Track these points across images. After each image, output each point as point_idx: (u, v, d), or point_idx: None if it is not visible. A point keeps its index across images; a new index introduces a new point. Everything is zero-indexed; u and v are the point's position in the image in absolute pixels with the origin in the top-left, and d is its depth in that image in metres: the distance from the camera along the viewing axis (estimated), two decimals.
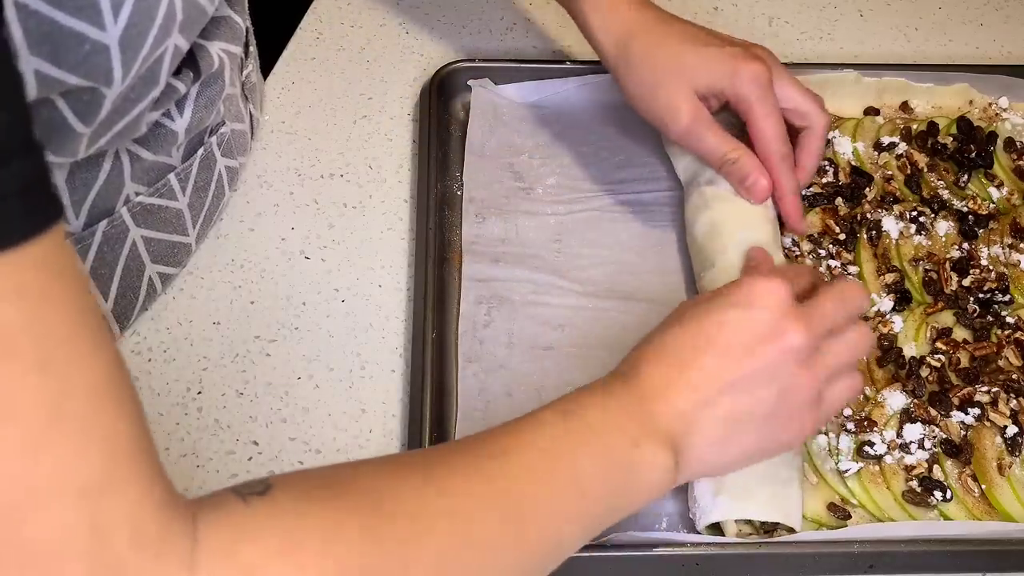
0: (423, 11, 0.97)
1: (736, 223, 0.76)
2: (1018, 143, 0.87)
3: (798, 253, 0.79)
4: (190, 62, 0.69)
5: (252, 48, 0.82)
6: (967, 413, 0.70)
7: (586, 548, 0.63)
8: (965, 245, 0.79)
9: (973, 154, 0.84)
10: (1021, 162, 0.86)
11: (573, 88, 0.89)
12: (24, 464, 0.36)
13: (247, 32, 0.79)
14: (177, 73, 0.68)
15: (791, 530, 0.64)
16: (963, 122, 0.87)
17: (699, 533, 0.65)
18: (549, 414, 0.55)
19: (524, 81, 0.89)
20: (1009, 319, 0.76)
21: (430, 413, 0.69)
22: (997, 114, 0.90)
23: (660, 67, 0.77)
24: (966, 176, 0.84)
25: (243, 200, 0.82)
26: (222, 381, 0.72)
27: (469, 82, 0.88)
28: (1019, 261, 0.79)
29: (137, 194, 0.70)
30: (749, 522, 0.65)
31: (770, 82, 0.76)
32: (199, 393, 0.72)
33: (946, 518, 0.67)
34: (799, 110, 0.78)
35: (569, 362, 0.74)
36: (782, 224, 0.78)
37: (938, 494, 0.67)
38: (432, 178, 0.82)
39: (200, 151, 0.74)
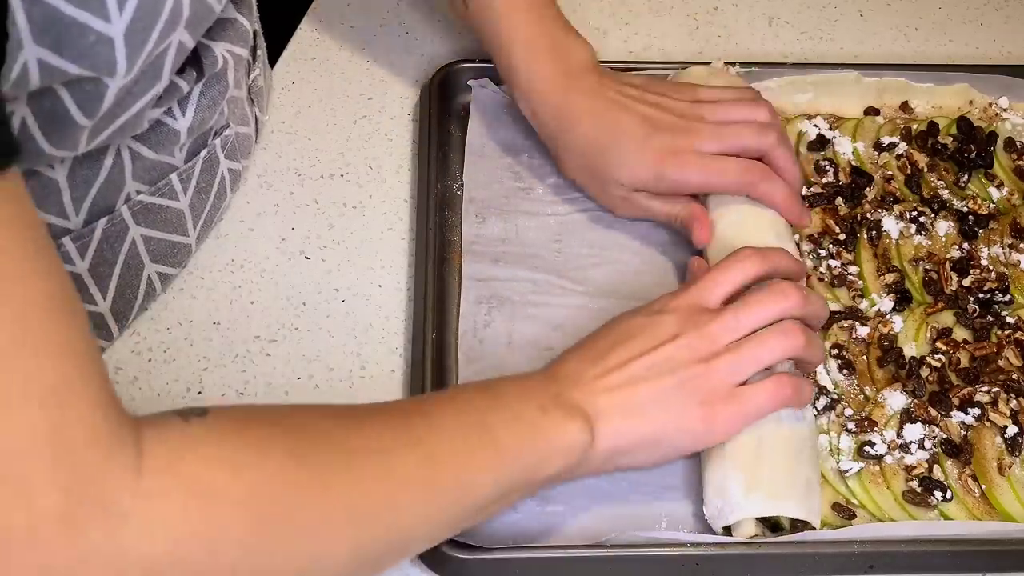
0: (423, 11, 0.97)
1: (739, 237, 0.75)
2: (1018, 143, 0.87)
3: (798, 254, 0.79)
4: (194, 61, 0.69)
5: (260, 52, 0.82)
6: (967, 413, 0.70)
7: (586, 548, 0.64)
8: (965, 245, 0.79)
9: (973, 154, 0.84)
10: (1021, 162, 0.86)
11: None
12: None
13: (255, 36, 0.79)
14: (181, 71, 0.68)
15: (796, 530, 0.65)
16: (963, 122, 0.87)
17: (706, 532, 0.66)
18: (470, 387, 0.64)
19: None
20: (1009, 319, 0.76)
21: None
22: (997, 114, 0.90)
23: (594, 169, 0.79)
24: (966, 176, 0.84)
25: (243, 200, 0.82)
26: (222, 381, 0.72)
27: (469, 82, 0.88)
28: (1019, 261, 0.79)
29: (138, 193, 0.70)
30: (758, 522, 0.65)
31: (700, 166, 0.76)
32: (199, 393, 0.72)
33: (946, 518, 0.67)
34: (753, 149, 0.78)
35: None
36: None
37: (938, 494, 0.67)
38: (432, 178, 0.82)
39: (203, 152, 0.74)
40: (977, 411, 0.70)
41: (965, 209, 0.82)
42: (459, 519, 0.58)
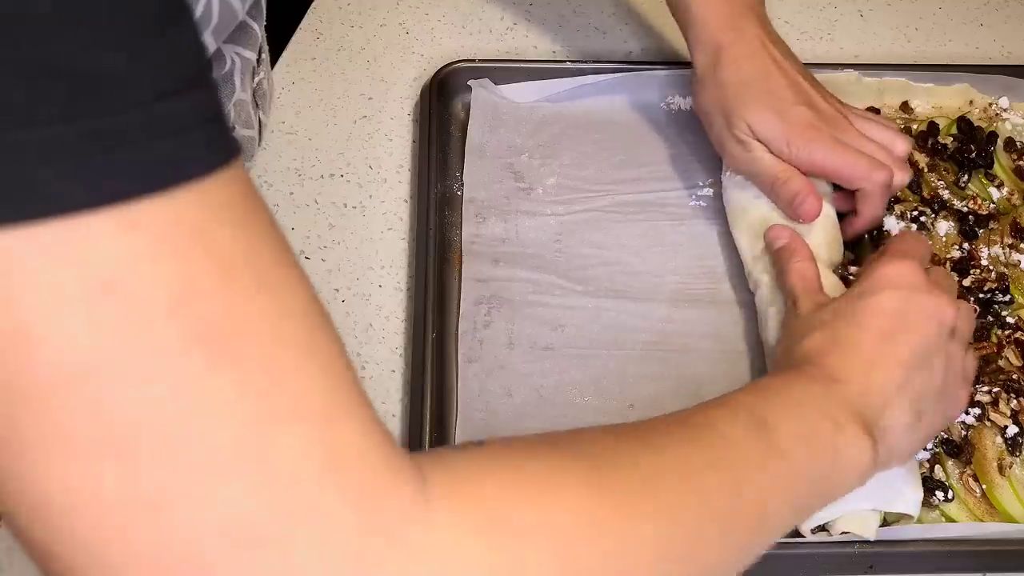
0: (423, 11, 0.97)
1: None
2: (1018, 143, 0.87)
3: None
4: None
5: (264, 56, 0.82)
6: (967, 413, 0.70)
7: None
8: (965, 245, 0.79)
9: (973, 154, 0.84)
10: (1021, 162, 0.86)
11: (573, 88, 0.89)
12: (262, 382, 0.35)
13: (262, 39, 0.79)
14: None
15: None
16: (963, 122, 0.87)
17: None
18: (744, 394, 0.55)
19: (524, 81, 0.89)
20: (1009, 319, 0.76)
21: (430, 413, 0.69)
22: (997, 114, 0.90)
23: (731, 101, 0.77)
24: (966, 176, 0.84)
25: None
26: None
27: (469, 82, 0.88)
28: (1019, 261, 0.79)
29: None
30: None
31: (833, 147, 0.75)
32: None
33: (948, 518, 0.67)
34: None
35: (569, 362, 0.74)
36: None
37: (940, 494, 0.67)
38: (432, 178, 0.82)
39: None
40: (977, 411, 0.70)
41: (965, 209, 0.82)
42: (754, 550, 0.51)
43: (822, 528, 0.64)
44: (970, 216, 0.81)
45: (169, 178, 0.34)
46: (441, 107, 0.87)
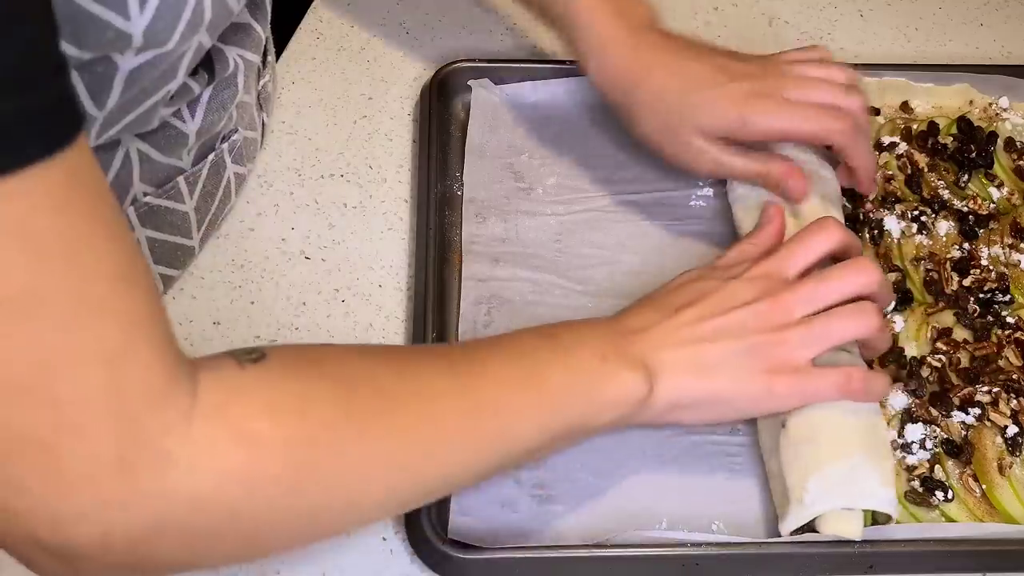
0: (423, 11, 0.97)
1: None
2: (1018, 143, 0.87)
3: None
4: (206, 64, 0.69)
5: (270, 58, 0.82)
6: (967, 413, 0.70)
7: (586, 548, 0.63)
8: (966, 245, 0.79)
9: (973, 154, 0.84)
10: (1021, 162, 0.86)
11: (573, 88, 0.89)
12: (55, 337, 0.43)
13: (266, 42, 0.79)
14: (193, 73, 0.68)
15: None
16: (963, 122, 0.87)
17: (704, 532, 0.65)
18: (527, 332, 0.63)
19: (524, 81, 0.89)
20: (1009, 319, 0.76)
21: None
22: (997, 114, 0.90)
23: (666, 117, 0.76)
24: (966, 176, 0.84)
25: (243, 200, 0.82)
26: None
27: (469, 82, 0.88)
28: (1019, 261, 0.79)
29: (145, 195, 0.70)
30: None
31: (785, 109, 0.74)
32: None
33: (948, 518, 0.67)
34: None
35: None
36: None
37: (940, 494, 0.67)
38: (432, 178, 0.82)
39: (211, 156, 0.74)
40: (977, 411, 0.70)
41: (965, 209, 0.82)
42: (499, 467, 0.59)
43: (810, 529, 0.64)
44: (970, 216, 0.81)
45: None
46: (441, 107, 0.87)
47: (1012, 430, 0.69)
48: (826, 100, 0.75)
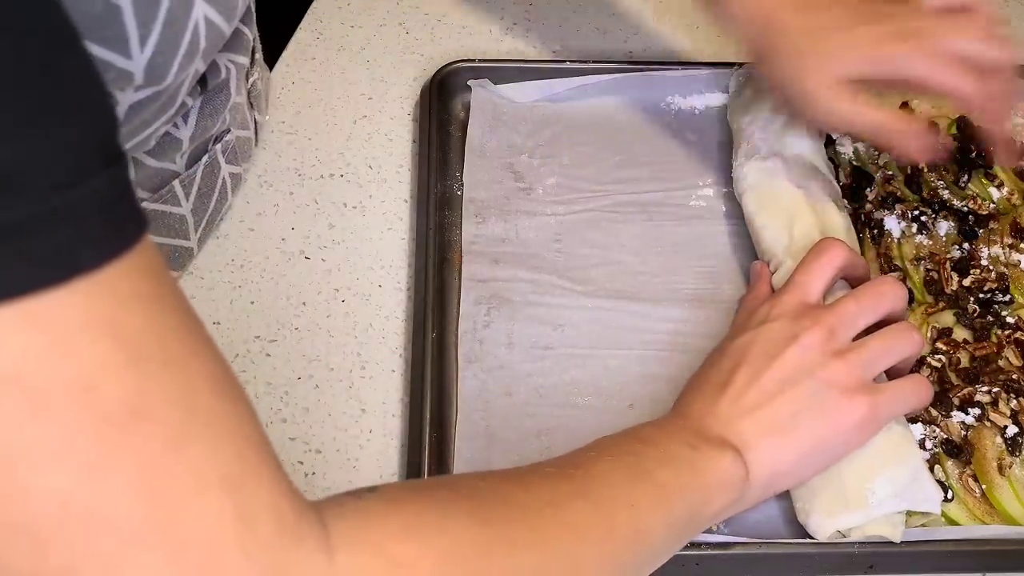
0: (423, 11, 0.97)
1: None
2: (1018, 143, 0.86)
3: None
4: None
5: (258, 56, 0.82)
6: (967, 413, 0.70)
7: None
8: (965, 245, 0.79)
9: (973, 154, 0.84)
10: (1021, 162, 0.86)
11: (573, 88, 0.89)
12: (168, 460, 0.37)
13: (254, 40, 0.79)
14: None
15: None
16: (963, 122, 0.87)
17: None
18: (607, 438, 0.60)
19: (524, 81, 0.89)
20: (1009, 319, 0.75)
21: (430, 413, 0.69)
22: None
23: (801, 58, 0.72)
24: (966, 176, 0.83)
25: (243, 200, 0.82)
26: None
27: (469, 82, 0.88)
28: (1019, 261, 0.79)
29: (141, 200, 0.69)
30: None
31: (922, 54, 0.70)
32: None
33: (948, 518, 0.67)
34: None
35: (568, 362, 0.74)
36: None
37: (942, 493, 0.67)
38: (432, 178, 0.82)
39: (205, 158, 0.74)
40: (977, 411, 0.70)
41: (965, 209, 0.82)
42: (639, 568, 0.57)
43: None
44: (970, 216, 0.81)
45: (65, 270, 0.35)
46: (441, 107, 0.87)
47: (1012, 430, 0.69)
48: (969, 51, 0.70)
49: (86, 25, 0.49)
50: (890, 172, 0.84)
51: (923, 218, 0.80)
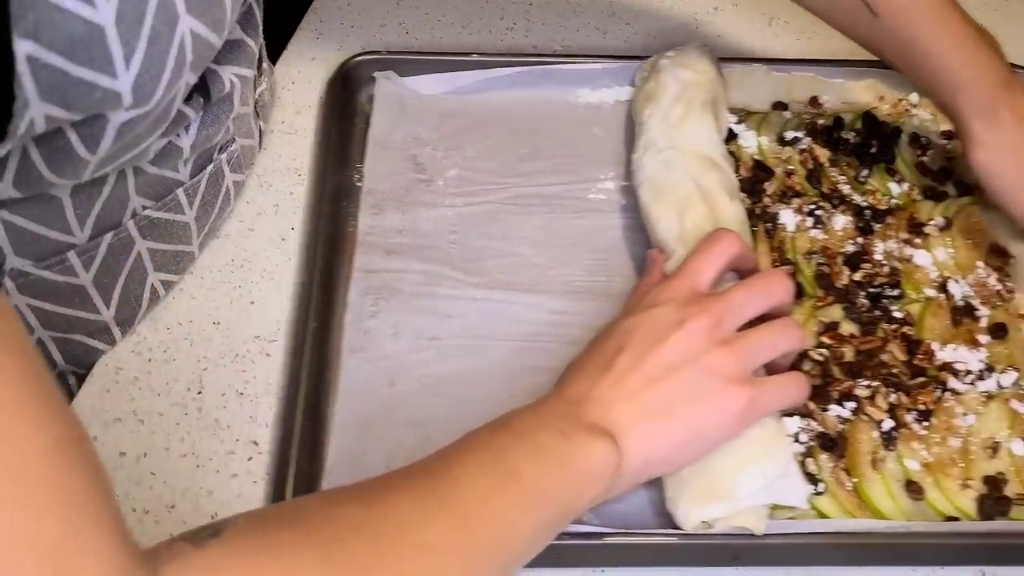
0: (423, 11, 0.97)
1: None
2: (923, 138, 0.86)
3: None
4: (201, 87, 0.69)
5: (266, 66, 0.82)
6: (844, 407, 0.70)
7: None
8: (860, 239, 0.79)
9: (874, 149, 0.84)
10: (924, 158, 0.86)
11: (480, 80, 0.89)
12: None
13: (260, 49, 0.80)
14: (187, 99, 0.67)
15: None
16: (868, 117, 0.87)
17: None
18: (481, 431, 0.59)
19: (432, 73, 0.89)
20: (897, 314, 0.75)
21: (304, 402, 0.69)
22: (907, 109, 0.90)
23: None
24: (866, 171, 0.83)
25: (243, 200, 0.82)
26: (222, 381, 0.72)
27: (375, 74, 0.88)
28: (912, 256, 0.79)
29: (144, 208, 0.69)
30: None
31: None
32: (199, 393, 0.71)
33: (818, 511, 0.67)
34: None
35: (454, 352, 0.74)
36: None
37: (810, 487, 0.67)
38: (328, 169, 0.81)
39: (209, 168, 0.73)
40: (853, 405, 0.70)
41: (864, 204, 0.82)
42: (506, 571, 0.56)
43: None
44: (867, 211, 0.81)
45: None
46: (346, 99, 0.87)
47: (888, 424, 0.69)
48: None
49: (69, 47, 0.49)
50: (791, 167, 0.84)
51: (818, 212, 0.80)
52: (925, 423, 0.70)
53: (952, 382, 0.72)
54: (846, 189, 0.83)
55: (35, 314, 0.67)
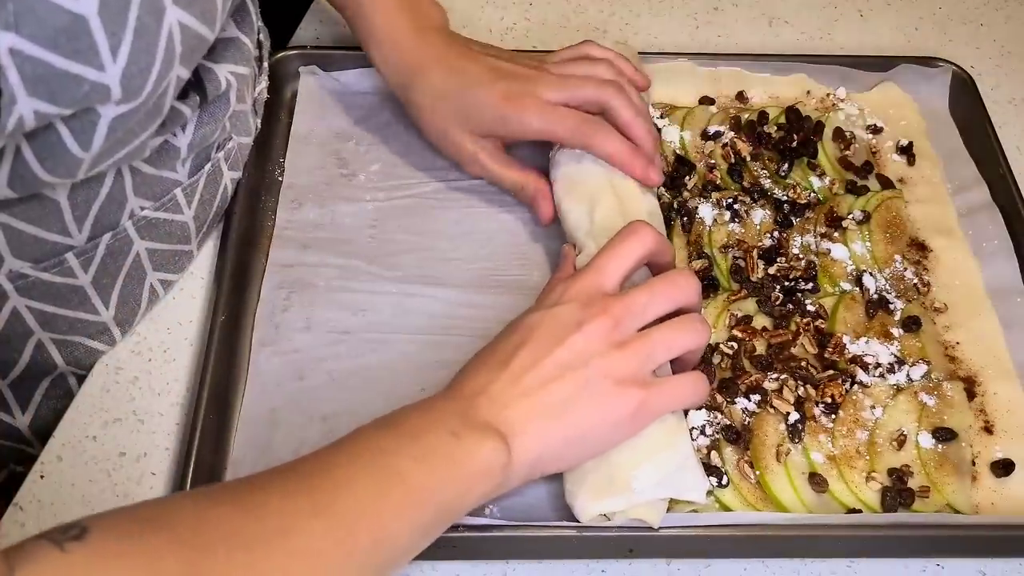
0: None
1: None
2: (847, 133, 0.86)
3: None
4: (196, 85, 0.68)
5: (266, 64, 0.82)
6: (749, 399, 0.70)
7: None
8: (777, 233, 0.79)
9: (795, 143, 0.84)
10: (848, 152, 0.86)
11: None
12: None
13: (260, 46, 0.79)
14: (184, 96, 0.67)
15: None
16: (792, 112, 0.87)
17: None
18: (369, 429, 0.58)
19: (357, 68, 0.89)
20: (811, 307, 0.75)
21: (208, 394, 0.68)
22: (834, 104, 0.89)
23: (440, 116, 0.78)
24: (787, 165, 0.83)
25: None
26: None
27: (300, 69, 0.88)
28: (829, 250, 0.79)
29: (142, 208, 0.69)
30: None
31: (541, 109, 0.76)
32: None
33: (721, 504, 0.67)
34: (592, 102, 0.77)
35: (365, 346, 0.74)
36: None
37: (714, 480, 0.67)
38: (249, 164, 0.81)
39: (207, 167, 0.73)
40: (758, 397, 0.70)
41: (784, 198, 0.82)
42: (379, 573, 0.56)
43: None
44: (786, 205, 0.81)
45: None
46: (272, 94, 0.86)
47: (794, 417, 0.69)
48: (585, 97, 0.76)
49: (53, 39, 0.49)
50: (713, 161, 0.84)
51: (736, 206, 0.80)
52: (832, 416, 0.70)
53: (861, 375, 0.72)
54: (767, 183, 0.83)
55: (35, 316, 0.67)
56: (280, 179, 0.83)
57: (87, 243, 0.66)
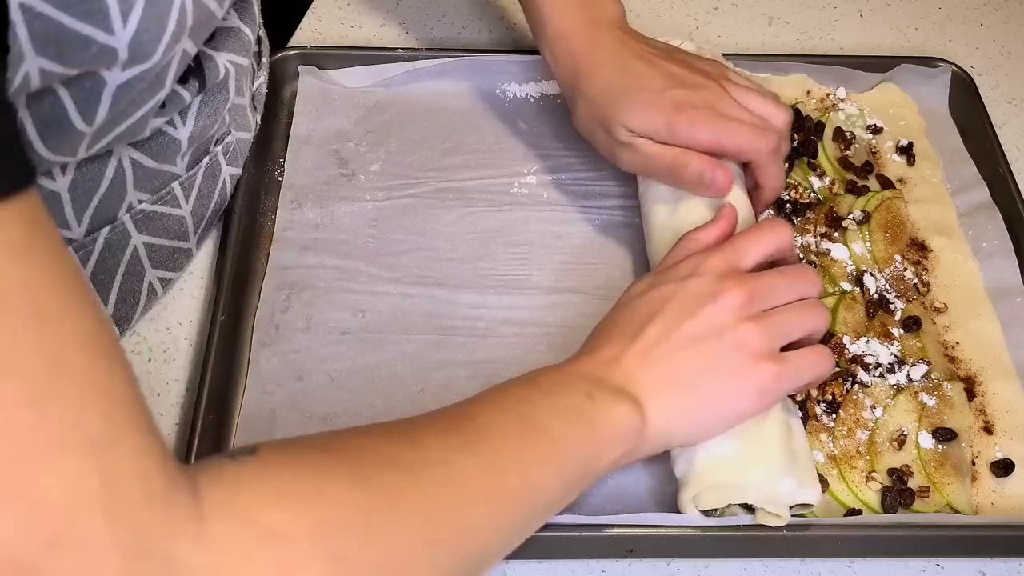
0: (423, 11, 0.97)
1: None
2: (847, 133, 0.86)
3: None
4: (196, 71, 0.68)
5: (265, 59, 0.82)
6: None
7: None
8: None
9: (796, 143, 0.84)
10: (848, 152, 0.86)
11: (407, 73, 0.89)
12: (30, 417, 0.36)
13: (259, 42, 0.79)
14: (184, 81, 0.67)
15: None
16: (792, 111, 0.86)
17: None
18: (503, 386, 0.59)
19: (358, 68, 0.89)
20: None
21: (208, 394, 0.68)
22: (834, 104, 0.89)
23: (604, 109, 0.75)
24: (787, 165, 0.83)
25: None
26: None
27: (299, 68, 0.88)
28: (829, 250, 0.79)
29: (140, 202, 0.69)
30: None
31: (713, 122, 0.73)
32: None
33: None
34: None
35: (364, 347, 0.74)
36: None
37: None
38: (249, 164, 0.81)
39: (205, 160, 0.73)
40: None
41: (786, 198, 0.82)
42: (529, 524, 0.56)
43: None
44: (788, 205, 0.81)
45: None
46: (270, 94, 0.86)
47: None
48: (754, 121, 0.74)
49: None
50: None
51: None
52: (834, 415, 0.70)
53: (861, 375, 0.72)
54: None
55: None
56: (280, 179, 0.83)
57: (85, 236, 0.66)
